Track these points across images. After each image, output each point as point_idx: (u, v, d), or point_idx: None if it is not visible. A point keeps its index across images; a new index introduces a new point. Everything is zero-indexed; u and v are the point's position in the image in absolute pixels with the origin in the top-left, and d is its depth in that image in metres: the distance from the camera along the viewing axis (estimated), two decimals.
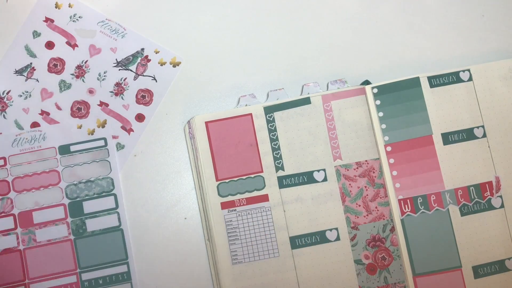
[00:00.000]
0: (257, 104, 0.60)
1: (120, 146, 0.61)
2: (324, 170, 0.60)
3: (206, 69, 0.62)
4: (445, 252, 0.59)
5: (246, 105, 0.60)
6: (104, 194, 0.60)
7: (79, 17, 0.62)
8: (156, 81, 0.62)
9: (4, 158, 0.59)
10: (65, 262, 0.59)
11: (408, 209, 0.59)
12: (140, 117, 0.61)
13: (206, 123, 0.59)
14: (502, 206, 0.59)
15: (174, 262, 0.59)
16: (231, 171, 0.59)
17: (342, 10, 0.64)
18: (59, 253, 0.59)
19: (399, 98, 0.60)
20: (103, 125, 0.61)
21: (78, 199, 0.60)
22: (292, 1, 0.63)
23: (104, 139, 0.60)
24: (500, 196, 0.59)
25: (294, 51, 0.63)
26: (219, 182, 0.59)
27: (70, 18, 0.62)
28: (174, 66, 0.62)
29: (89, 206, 0.60)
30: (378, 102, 0.60)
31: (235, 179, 0.59)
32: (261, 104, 0.60)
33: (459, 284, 0.58)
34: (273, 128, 0.60)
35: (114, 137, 0.61)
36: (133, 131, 0.61)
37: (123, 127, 0.61)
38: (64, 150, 0.60)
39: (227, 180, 0.59)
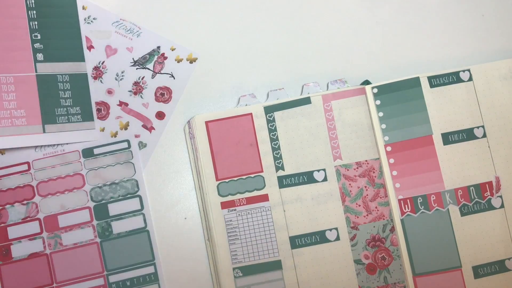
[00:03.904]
0: (258, 104, 0.60)
1: (142, 145, 0.61)
2: (324, 170, 0.60)
3: (206, 69, 0.62)
4: (445, 252, 0.59)
5: (246, 105, 0.61)
6: (129, 196, 0.60)
7: (93, 18, 0.62)
8: (174, 78, 0.62)
9: (28, 163, 0.60)
10: (92, 265, 0.59)
11: (408, 209, 0.59)
12: (160, 115, 0.61)
13: (207, 122, 0.59)
14: (502, 206, 0.59)
15: (174, 262, 0.59)
16: (231, 170, 0.59)
17: (342, 10, 0.64)
18: (86, 256, 0.59)
19: (399, 98, 0.60)
20: (125, 127, 0.61)
21: (103, 201, 0.60)
22: (292, 1, 0.63)
23: (128, 141, 0.61)
24: (500, 196, 0.59)
25: (294, 51, 0.63)
26: (219, 181, 0.59)
27: (85, 20, 0.62)
28: (191, 62, 0.62)
29: (114, 209, 0.60)
30: (378, 102, 0.60)
31: (235, 178, 0.59)
32: (261, 104, 0.60)
33: (459, 284, 0.58)
34: (273, 128, 0.60)
35: (136, 136, 0.61)
36: (154, 129, 0.61)
37: (144, 126, 0.61)
38: (88, 153, 0.60)
39: (227, 180, 0.59)
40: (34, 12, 0.61)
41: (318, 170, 0.60)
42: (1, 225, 0.59)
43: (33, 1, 0.60)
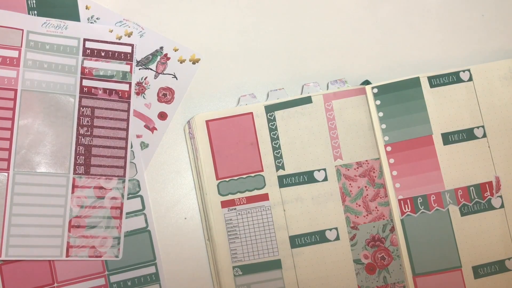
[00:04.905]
0: (258, 103, 0.60)
1: (144, 145, 0.61)
2: (324, 169, 0.60)
3: (205, 69, 0.62)
4: (445, 252, 0.59)
5: (246, 105, 0.61)
6: (130, 196, 0.60)
7: (96, 18, 0.62)
8: (177, 79, 0.62)
9: None
10: (93, 264, 0.59)
11: (408, 209, 0.59)
12: (162, 115, 0.61)
13: (207, 121, 0.60)
14: (502, 206, 0.59)
15: (174, 262, 0.59)
16: (231, 170, 0.59)
17: (342, 10, 0.64)
18: None
19: (399, 98, 0.60)
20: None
21: None
22: (292, 1, 0.64)
23: (130, 141, 0.61)
24: (500, 196, 0.59)
25: (294, 51, 0.63)
26: (219, 180, 0.59)
27: (88, 20, 0.62)
28: (193, 63, 0.62)
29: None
30: (378, 102, 0.60)
31: (236, 178, 0.59)
32: (262, 103, 0.60)
33: (459, 284, 0.58)
34: (273, 127, 0.60)
35: (137, 136, 0.61)
36: (156, 129, 0.61)
37: (146, 126, 0.61)
38: None
39: (227, 179, 0.59)
40: (35, 12, 0.61)
41: (319, 170, 0.60)
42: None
43: (34, 1, 0.61)
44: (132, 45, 0.61)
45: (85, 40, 0.60)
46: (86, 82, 0.60)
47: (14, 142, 0.58)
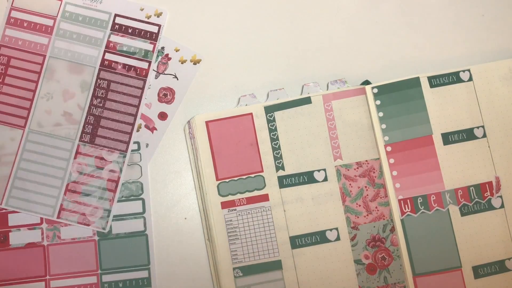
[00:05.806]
0: (258, 104, 0.60)
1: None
2: (324, 170, 0.60)
3: (206, 69, 0.62)
4: (445, 252, 0.59)
5: (246, 105, 0.61)
6: (132, 198, 0.60)
7: None
8: (177, 79, 0.62)
9: None
10: (87, 262, 0.59)
11: (408, 209, 0.59)
12: (162, 116, 0.61)
13: (207, 122, 0.59)
14: (502, 206, 0.59)
15: (174, 262, 0.59)
16: (231, 170, 0.59)
17: (342, 10, 0.64)
18: (82, 252, 0.59)
19: (399, 98, 0.60)
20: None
21: None
22: (292, 1, 0.63)
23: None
24: (500, 196, 0.59)
25: (294, 51, 0.63)
26: (219, 181, 0.59)
27: None
28: (194, 64, 0.62)
29: (116, 209, 0.60)
30: (378, 102, 0.60)
31: (235, 178, 0.59)
32: (262, 104, 0.60)
33: (459, 284, 0.58)
34: (273, 128, 0.60)
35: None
36: (156, 129, 0.61)
37: (146, 126, 0.61)
38: None
39: (227, 180, 0.59)
40: None
41: (319, 170, 0.60)
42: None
43: None
44: (159, 26, 0.62)
45: (116, 15, 0.62)
46: (108, 56, 0.61)
47: (34, 103, 0.60)
